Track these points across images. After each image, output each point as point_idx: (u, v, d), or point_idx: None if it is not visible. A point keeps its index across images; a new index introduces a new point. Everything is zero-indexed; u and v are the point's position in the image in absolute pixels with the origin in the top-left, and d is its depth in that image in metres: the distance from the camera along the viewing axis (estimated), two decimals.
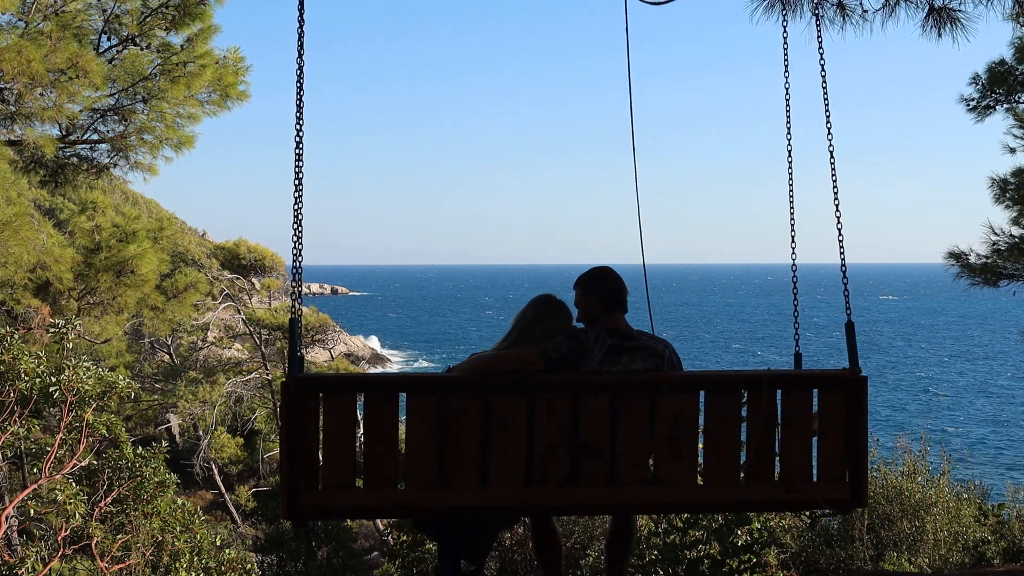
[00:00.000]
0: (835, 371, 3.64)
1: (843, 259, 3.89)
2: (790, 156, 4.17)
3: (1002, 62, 10.37)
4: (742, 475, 3.58)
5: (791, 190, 4.20)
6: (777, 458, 3.59)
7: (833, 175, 3.99)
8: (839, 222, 3.91)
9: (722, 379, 3.64)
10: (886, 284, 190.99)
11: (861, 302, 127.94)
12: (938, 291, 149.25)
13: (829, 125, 4.00)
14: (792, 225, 4.15)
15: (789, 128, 4.13)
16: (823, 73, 4.01)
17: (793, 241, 4.13)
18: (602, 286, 3.75)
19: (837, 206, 3.95)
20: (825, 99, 3.98)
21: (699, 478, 3.62)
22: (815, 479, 3.58)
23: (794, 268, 4.08)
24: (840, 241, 3.89)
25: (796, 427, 3.55)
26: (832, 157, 4.00)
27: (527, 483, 3.44)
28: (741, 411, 3.59)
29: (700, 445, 3.63)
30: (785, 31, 4.34)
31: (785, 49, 4.22)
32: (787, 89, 4.14)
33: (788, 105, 4.14)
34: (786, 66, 4.17)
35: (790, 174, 4.18)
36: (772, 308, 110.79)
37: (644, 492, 3.51)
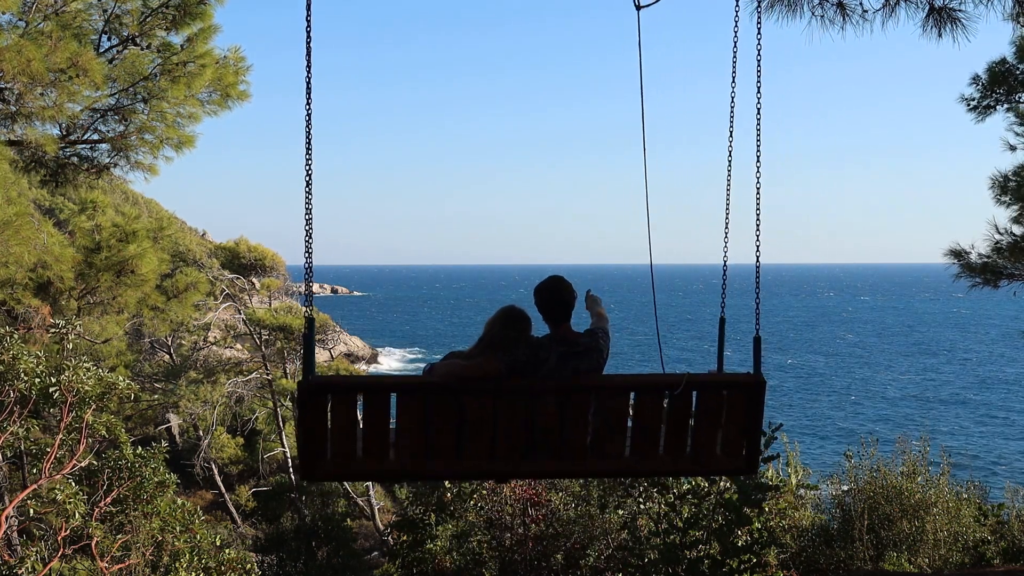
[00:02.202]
0: (740, 375, 4.46)
1: (758, 277, 4.56)
2: (729, 154, 4.74)
3: (1003, 61, 10.34)
4: (661, 450, 4.42)
5: (726, 187, 4.77)
6: (690, 438, 4.42)
7: (757, 176, 4.59)
8: (758, 230, 4.60)
9: (648, 383, 4.39)
10: (871, 285, 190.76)
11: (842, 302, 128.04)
12: (927, 292, 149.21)
13: (759, 129, 4.53)
14: (726, 224, 4.76)
15: (730, 132, 4.70)
16: (758, 70, 4.51)
17: (725, 245, 4.79)
18: (540, 303, 4.35)
19: (758, 216, 4.59)
20: (758, 101, 4.52)
21: (627, 452, 4.41)
22: (718, 453, 4.46)
23: (724, 269, 4.78)
24: (757, 263, 4.57)
25: (707, 417, 4.40)
26: (758, 161, 4.55)
27: (492, 457, 4.23)
28: (663, 406, 4.37)
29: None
30: (735, 29, 4.57)
31: (734, 51, 4.61)
32: (732, 92, 4.64)
33: (732, 106, 4.68)
34: (733, 66, 4.64)
35: (728, 171, 4.77)
36: (772, 309, 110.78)
37: (584, 462, 4.34)
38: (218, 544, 9.09)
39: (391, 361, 63.24)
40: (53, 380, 8.23)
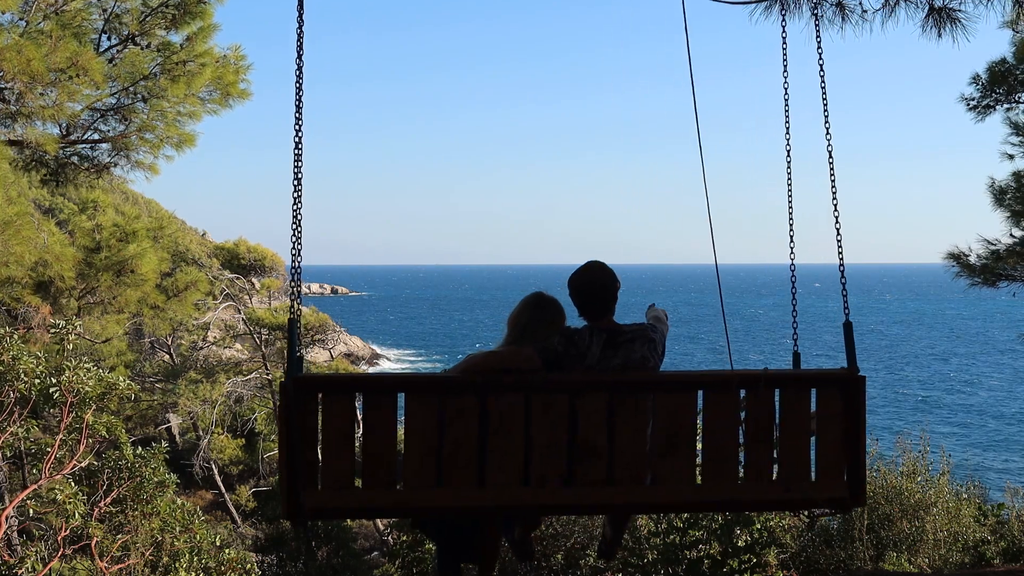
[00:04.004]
0: (833, 370, 3.62)
1: (841, 259, 3.87)
2: (789, 156, 4.16)
3: (1003, 61, 10.36)
4: (740, 475, 3.57)
5: (789, 190, 4.20)
6: (775, 457, 3.57)
7: (832, 175, 3.98)
8: (837, 221, 3.92)
9: (719, 379, 3.57)
10: (884, 284, 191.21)
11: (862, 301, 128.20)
12: (926, 291, 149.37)
13: (828, 126, 3.97)
14: (791, 225, 4.17)
15: (788, 128, 4.11)
16: (822, 73, 4.00)
17: (792, 241, 4.14)
18: (578, 296, 3.68)
19: (836, 206, 3.95)
20: (824, 101, 3.96)
21: (698, 477, 3.59)
22: (813, 479, 3.56)
23: (792, 268, 4.09)
24: (839, 241, 3.87)
25: (794, 427, 3.54)
26: (831, 158, 3.98)
27: (525, 483, 3.42)
28: (740, 411, 3.56)
29: (699, 445, 3.62)
30: (784, 31, 4.32)
31: (784, 50, 4.21)
32: (786, 89, 4.14)
33: (787, 106, 4.13)
34: (785, 66, 4.16)
35: (789, 174, 4.18)
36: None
37: (642, 492, 3.49)
38: (218, 544, 9.08)
39: (391, 363, 63.24)
40: (53, 381, 8.23)
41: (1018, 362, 60.04)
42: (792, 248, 4.11)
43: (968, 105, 10.61)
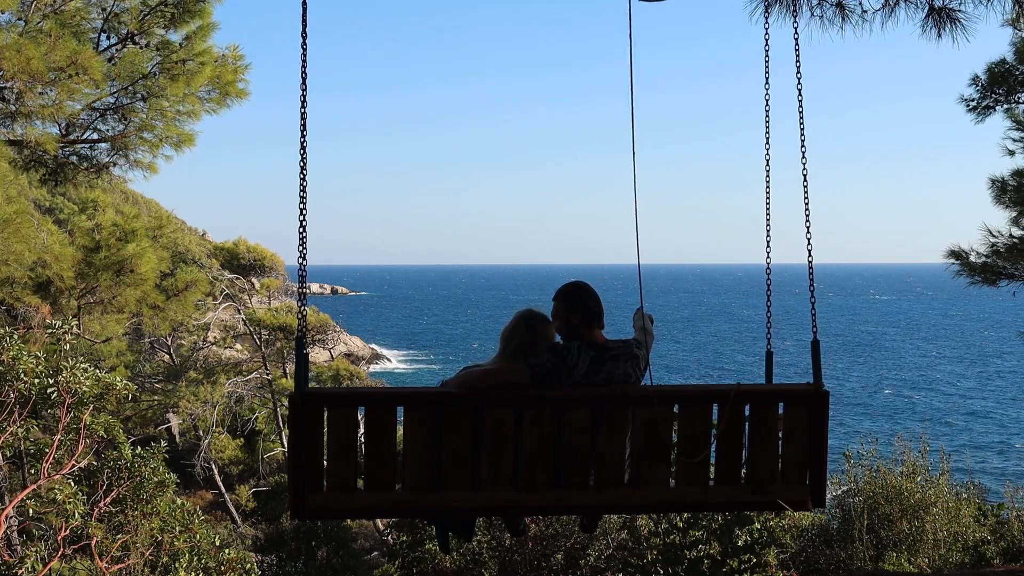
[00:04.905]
0: (799, 385, 3.97)
1: (811, 278, 4.07)
2: (768, 156, 4.28)
3: (1002, 62, 10.34)
4: (711, 478, 3.92)
5: (767, 191, 4.33)
6: (744, 463, 3.92)
7: (804, 182, 4.14)
8: (808, 232, 4.11)
9: (694, 393, 3.96)
10: (880, 284, 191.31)
11: (855, 301, 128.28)
12: (929, 291, 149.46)
13: (802, 127, 4.15)
14: (768, 227, 4.33)
15: (768, 132, 4.27)
16: (799, 75, 4.15)
17: (768, 245, 4.33)
18: (584, 305, 3.95)
19: (807, 205, 4.12)
20: (799, 99, 4.12)
21: (671, 480, 3.92)
22: (779, 483, 3.93)
23: (768, 272, 4.30)
24: (809, 261, 4.10)
25: (762, 436, 3.89)
26: (803, 157, 4.14)
27: (514, 486, 3.75)
28: (711, 421, 3.89)
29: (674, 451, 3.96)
30: (767, 34, 4.39)
31: (766, 52, 4.35)
32: (767, 92, 4.28)
33: (767, 107, 4.29)
34: (766, 70, 4.30)
35: (767, 172, 4.31)
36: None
37: (621, 493, 3.84)
38: (218, 544, 9.07)
39: (391, 363, 63.23)
40: (50, 381, 8.23)
41: (1011, 363, 60.08)
42: (768, 252, 4.32)
43: (968, 106, 10.59)
